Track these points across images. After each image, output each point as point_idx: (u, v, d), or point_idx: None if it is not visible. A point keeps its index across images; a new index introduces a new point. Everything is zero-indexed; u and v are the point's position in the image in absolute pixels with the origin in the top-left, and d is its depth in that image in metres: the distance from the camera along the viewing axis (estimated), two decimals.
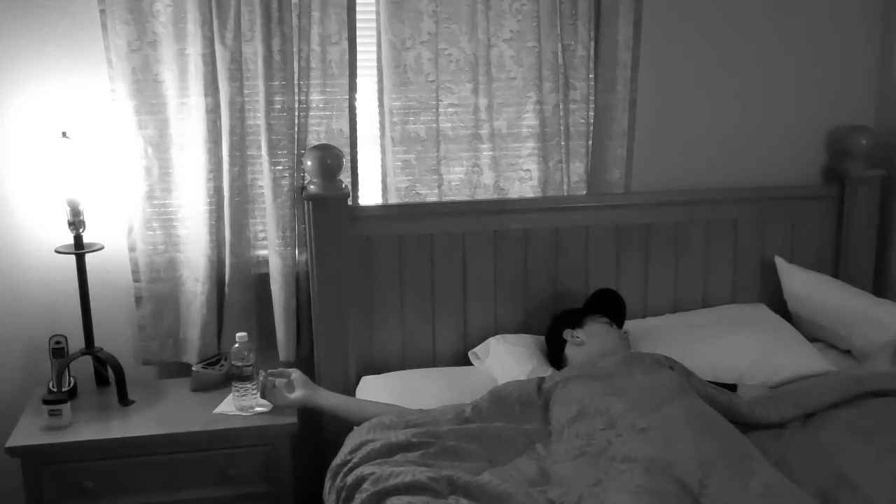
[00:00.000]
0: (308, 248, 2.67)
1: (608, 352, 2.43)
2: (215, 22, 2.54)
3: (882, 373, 2.44)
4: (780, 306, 2.95)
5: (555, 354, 2.58)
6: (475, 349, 2.76)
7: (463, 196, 2.84)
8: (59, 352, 2.61)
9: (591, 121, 2.87)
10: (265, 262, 2.75)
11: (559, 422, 2.16)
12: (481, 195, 2.85)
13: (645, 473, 1.88)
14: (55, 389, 2.53)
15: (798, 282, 2.92)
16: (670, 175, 3.00)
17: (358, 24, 2.68)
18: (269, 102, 2.61)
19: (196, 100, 2.58)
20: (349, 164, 2.73)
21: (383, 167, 2.80)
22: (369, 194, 2.85)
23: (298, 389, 2.48)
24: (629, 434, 2.02)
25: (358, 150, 2.77)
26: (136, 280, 2.69)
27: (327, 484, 2.13)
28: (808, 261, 3.01)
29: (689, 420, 2.05)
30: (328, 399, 2.47)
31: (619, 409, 2.10)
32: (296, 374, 2.51)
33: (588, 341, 2.51)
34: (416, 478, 1.89)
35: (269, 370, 2.53)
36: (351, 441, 2.16)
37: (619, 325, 2.64)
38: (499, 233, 2.81)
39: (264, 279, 2.75)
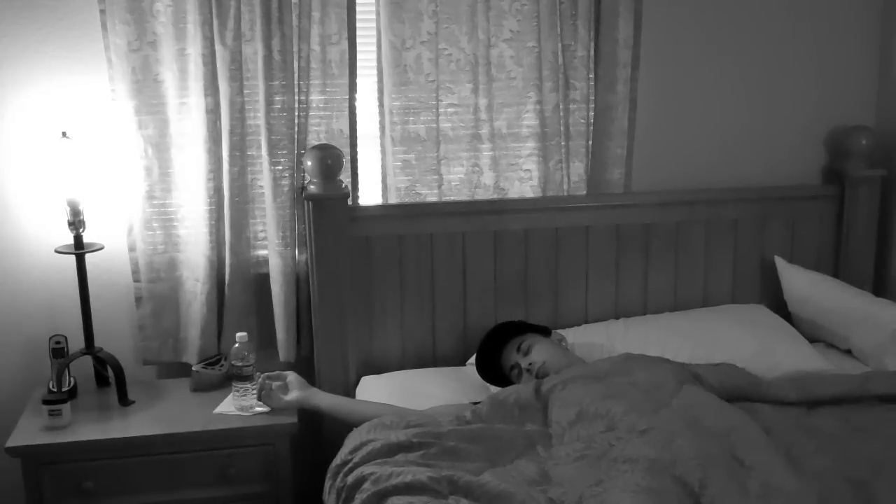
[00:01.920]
0: (308, 248, 2.67)
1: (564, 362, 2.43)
2: (215, 22, 2.54)
3: (890, 372, 2.44)
4: (780, 306, 2.95)
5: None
6: (472, 359, 2.75)
7: (463, 196, 2.84)
8: (59, 352, 2.61)
9: (591, 121, 2.87)
10: (265, 262, 2.75)
11: (559, 424, 2.16)
12: (481, 195, 2.85)
13: (647, 473, 1.88)
14: (55, 389, 2.53)
15: (798, 282, 2.92)
16: (670, 175, 3.00)
17: (358, 24, 2.68)
18: (269, 102, 2.61)
19: (196, 100, 2.58)
20: (349, 164, 2.73)
21: (383, 167, 2.80)
22: (369, 194, 2.85)
23: (294, 391, 2.48)
24: (630, 436, 2.02)
25: (358, 150, 2.76)
26: (136, 280, 2.69)
27: (327, 484, 2.13)
28: (808, 261, 3.01)
29: (688, 420, 2.06)
30: (324, 400, 2.47)
31: (619, 412, 2.10)
32: (291, 376, 2.51)
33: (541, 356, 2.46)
34: (416, 478, 1.89)
35: (266, 373, 2.53)
36: (351, 441, 2.16)
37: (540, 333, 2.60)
38: (499, 233, 2.81)
39: (264, 279, 2.75)
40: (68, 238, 2.55)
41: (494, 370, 2.52)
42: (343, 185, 2.63)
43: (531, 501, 1.85)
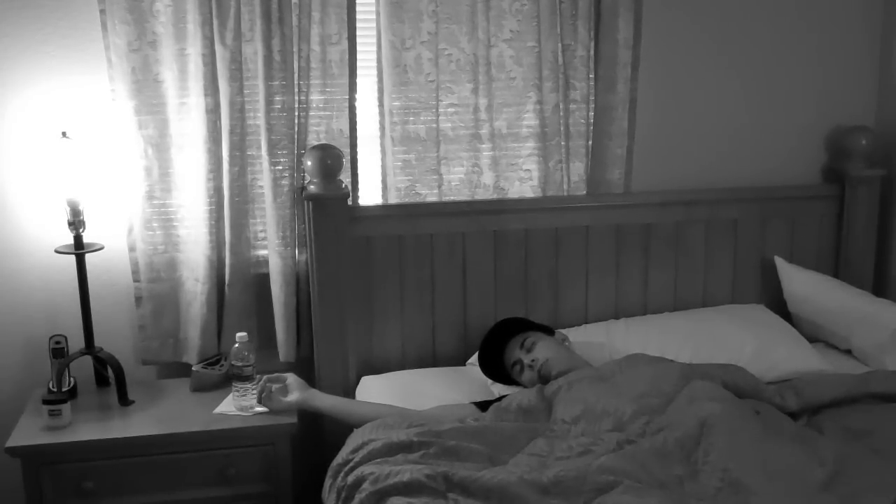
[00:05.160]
0: (308, 248, 2.67)
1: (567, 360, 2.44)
2: (215, 22, 2.54)
3: (889, 372, 2.44)
4: (780, 306, 2.95)
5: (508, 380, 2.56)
6: (472, 359, 2.75)
7: (463, 196, 2.84)
8: (59, 352, 2.61)
9: (591, 121, 2.87)
10: (265, 262, 2.75)
11: (563, 421, 2.17)
12: (481, 195, 2.85)
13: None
14: (55, 389, 2.53)
15: (798, 282, 2.92)
16: (670, 175, 3.00)
17: (358, 24, 2.68)
18: (269, 102, 2.61)
19: (196, 100, 2.58)
20: (349, 164, 2.73)
21: (383, 167, 2.80)
22: (369, 194, 2.85)
23: (294, 393, 2.47)
24: (641, 440, 2.04)
25: (358, 150, 2.76)
26: (136, 280, 2.69)
27: (327, 483, 2.13)
28: (808, 261, 3.01)
29: (697, 414, 2.08)
30: (324, 401, 2.47)
31: (629, 413, 2.11)
32: (291, 378, 2.51)
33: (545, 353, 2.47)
34: (413, 476, 1.89)
35: (268, 376, 2.53)
36: (353, 440, 2.16)
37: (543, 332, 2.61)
38: (499, 233, 2.82)
39: (264, 279, 2.75)
40: (68, 238, 2.55)
41: (496, 366, 2.53)
42: (343, 185, 2.63)
43: (525, 487, 1.85)
